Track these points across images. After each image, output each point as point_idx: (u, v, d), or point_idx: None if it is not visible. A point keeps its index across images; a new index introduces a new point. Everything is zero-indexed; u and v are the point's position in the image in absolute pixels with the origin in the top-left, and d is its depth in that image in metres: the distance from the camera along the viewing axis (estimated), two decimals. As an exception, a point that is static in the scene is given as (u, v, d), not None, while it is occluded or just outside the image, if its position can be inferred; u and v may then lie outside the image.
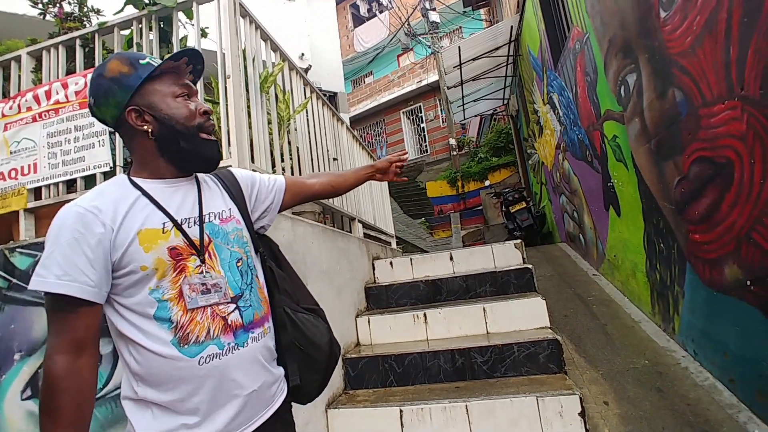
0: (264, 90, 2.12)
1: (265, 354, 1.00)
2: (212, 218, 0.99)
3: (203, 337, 0.89)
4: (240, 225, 1.05)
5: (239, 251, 1.01)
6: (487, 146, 12.70)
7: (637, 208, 2.89)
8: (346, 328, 2.60)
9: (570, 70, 3.99)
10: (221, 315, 0.92)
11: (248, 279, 1.01)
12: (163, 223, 0.91)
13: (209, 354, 0.89)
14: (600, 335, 2.85)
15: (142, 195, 0.93)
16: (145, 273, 0.87)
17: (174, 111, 0.95)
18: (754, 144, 1.62)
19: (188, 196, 0.99)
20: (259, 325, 0.99)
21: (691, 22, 1.89)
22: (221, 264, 0.96)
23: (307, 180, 1.31)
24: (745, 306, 1.83)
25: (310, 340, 1.10)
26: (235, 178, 1.14)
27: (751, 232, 1.73)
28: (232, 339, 0.93)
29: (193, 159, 0.98)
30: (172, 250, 0.90)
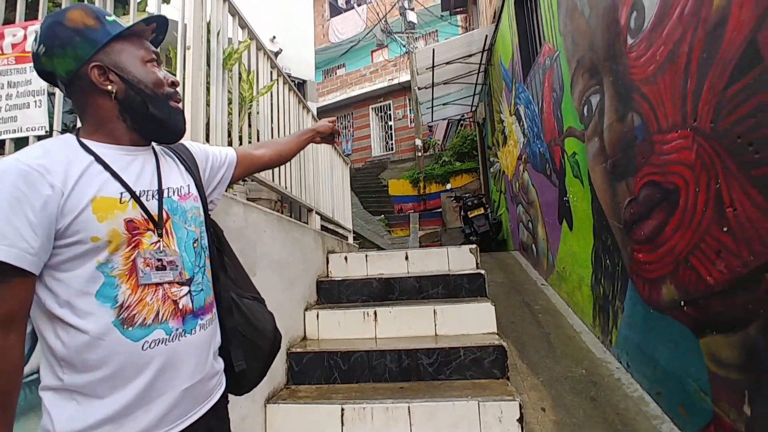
0: (227, 67, 2.01)
1: (211, 344, 0.95)
2: (171, 193, 0.93)
3: (150, 320, 0.82)
4: (197, 203, 0.99)
5: (196, 231, 0.95)
6: (451, 150, 12.88)
7: (588, 224, 3.00)
8: (294, 322, 2.54)
9: (538, 85, 4.09)
10: (172, 298, 0.85)
11: (201, 261, 0.95)
12: (120, 193, 0.83)
13: (155, 339, 0.82)
14: (543, 343, 2.94)
15: (95, 160, 0.84)
16: (95, 245, 0.78)
17: (144, 75, 0.89)
18: (700, 173, 1.70)
19: (146, 167, 0.91)
20: (208, 310, 0.94)
21: (655, 52, 1.96)
22: (177, 243, 0.89)
23: (256, 151, 1.27)
24: (677, 325, 1.93)
25: (254, 326, 1.06)
26: (191, 152, 1.08)
27: (689, 256, 1.82)
28: (180, 324, 0.86)
29: (161, 127, 0.93)
30: (129, 223, 0.82)
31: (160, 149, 1.01)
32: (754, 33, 1.38)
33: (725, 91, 1.53)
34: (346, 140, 17.24)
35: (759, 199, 1.40)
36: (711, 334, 1.71)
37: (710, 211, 1.66)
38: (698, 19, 1.66)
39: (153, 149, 0.97)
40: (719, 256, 1.63)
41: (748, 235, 1.46)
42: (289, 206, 3.60)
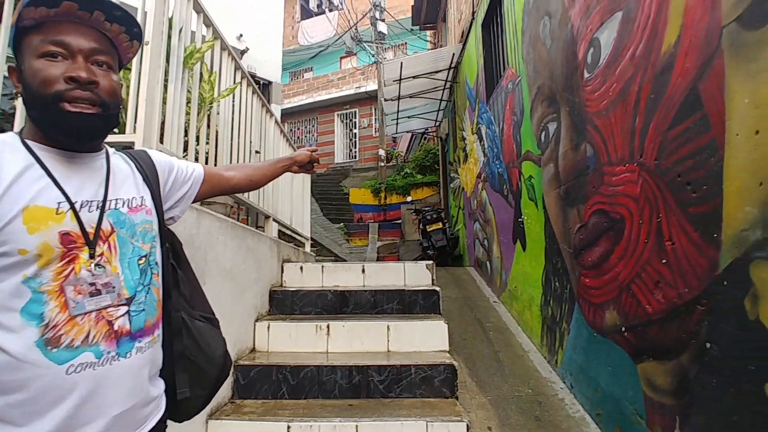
0: (188, 66, 1.93)
1: (149, 368, 0.87)
2: (119, 205, 0.85)
3: (79, 342, 0.75)
4: (150, 216, 0.92)
5: (144, 247, 0.88)
6: (414, 163, 13.03)
7: (540, 246, 3.10)
8: (243, 333, 2.45)
9: (500, 107, 4.22)
10: (107, 318, 0.79)
11: (147, 279, 0.87)
12: (58, 203, 0.76)
13: (82, 362, 0.75)
14: (493, 361, 3.00)
15: (36, 163, 0.77)
16: (22, 258, 0.71)
17: (31, 73, 0.77)
18: (644, 207, 1.80)
19: (94, 174, 0.84)
20: (149, 332, 0.87)
21: (608, 88, 2.07)
22: (120, 259, 0.82)
23: (225, 172, 1.20)
24: (618, 349, 2.02)
25: (203, 350, 0.99)
26: (152, 162, 1.00)
27: (631, 284, 1.92)
28: (114, 347, 0.79)
29: (52, 131, 0.80)
30: (65, 236, 0.75)
31: (117, 156, 0.93)
32: (695, 81, 1.49)
33: (669, 132, 1.64)
34: (310, 144, 17.07)
35: (695, 235, 1.50)
36: (648, 360, 1.80)
37: (651, 243, 1.76)
38: (648, 62, 1.77)
39: (106, 155, 0.90)
40: (658, 286, 1.72)
41: (684, 269, 1.56)
42: (246, 210, 3.50)
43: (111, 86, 0.82)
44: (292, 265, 3.24)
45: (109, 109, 0.82)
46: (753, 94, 1.25)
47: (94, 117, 0.79)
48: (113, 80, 0.84)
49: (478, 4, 5.27)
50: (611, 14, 2.06)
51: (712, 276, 1.41)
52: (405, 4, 14.45)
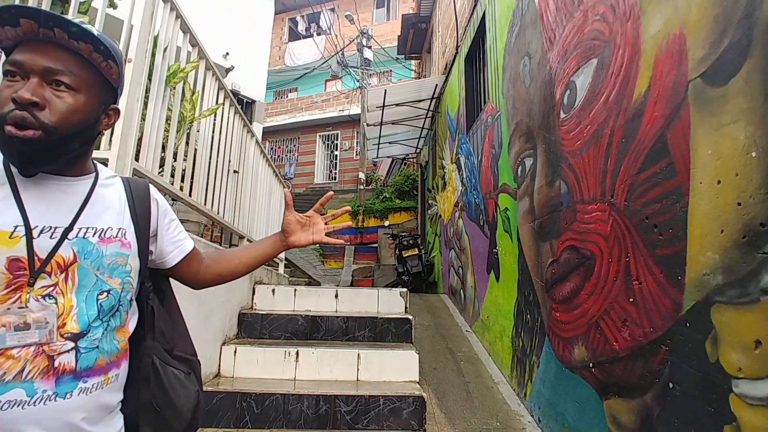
0: (170, 84, 1.92)
1: (94, 412, 0.78)
2: (88, 234, 0.80)
3: (10, 377, 0.68)
4: (126, 250, 0.85)
5: (111, 282, 0.82)
6: (393, 187, 13.14)
7: (513, 278, 3.14)
8: (208, 357, 2.36)
9: (479, 139, 4.33)
10: (48, 353, 0.72)
11: (107, 315, 0.81)
12: (15, 226, 0.72)
13: (10, 400, 0.68)
14: (462, 392, 2.98)
15: (7, 183, 0.74)
16: None
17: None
18: (613, 246, 1.86)
19: (68, 199, 0.79)
20: (99, 372, 0.79)
21: (583, 129, 2.16)
22: (77, 291, 0.77)
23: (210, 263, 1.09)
24: (585, 385, 2.04)
25: (171, 401, 0.91)
26: (149, 195, 0.96)
27: (599, 321, 1.95)
28: (51, 386, 0.72)
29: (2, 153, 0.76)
30: (14, 262, 0.71)
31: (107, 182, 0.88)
32: (664, 129, 1.56)
33: (638, 175, 1.71)
34: (290, 164, 17.03)
35: (660, 276, 1.55)
36: (613, 397, 1.82)
37: (620, 281, 1.80)
38: (620, 107, 1.86)
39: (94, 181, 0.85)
40: (624, 324, 1.76)
41: (649, 308, 1.60)
42: (220, 228, 3.44)
43: (64, 108, 0.75)
44: (264, 287, 3.18)
45: (56, 134, 0.74)
46: (715, 145, 1.32)
47: (31, 141, 0.72)
48: (72, 102, 0.76)
49: (462, 39, 5.45)
50: (587, 60, 2.16)
51: (676, 317, 1.45)
52: (391, 34, 14.85)
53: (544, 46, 2.70)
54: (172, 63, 1.96)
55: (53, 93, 0.75)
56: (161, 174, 1.91)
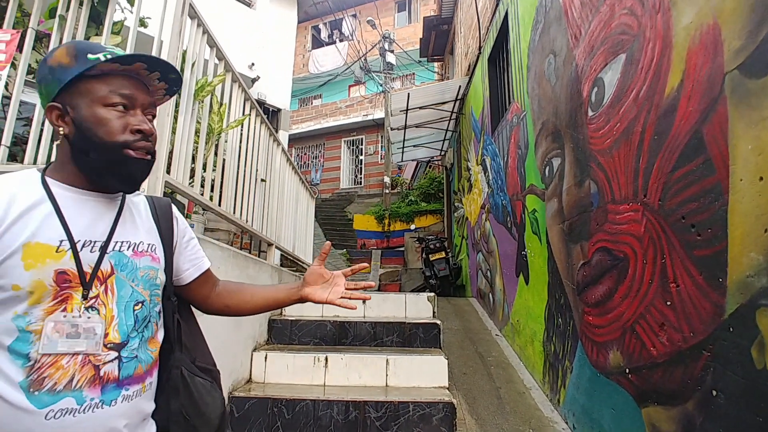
0: (198, 98, 1.98)
1: (134, 418, 0.83)
2: (123, 247, 0.85)
3: (62, 386, 0.73)
4: (156, 264, 0.91)
5: (144, 293, 0.87)
6: (418, 190, 13.09)
7: (543, 281, 3.07)
8: (240, 363, 2.41)
9: (505, 140, 4.27)
10: (94, 363, 0.76)
11: (142, 326, 0.86)
12: (60, 241, 0.77)
13: (62, 408, 0.72)
14: (493, 398, 2.92)
15: (48, 199, 0.79)
16: (15, 293, 0.71)
17: (95, 120, 0.81)
18: (648, 247, 1.79)
19: (104, 215, 0.85)
20: (138, 380, 0.84)
21: (612, 127, 2.09)
22: (117, 302, 0.81)
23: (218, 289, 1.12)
24: (621, 391, 1.97)
25: (200, 410, 0.95)
26: (172, 214, 1.01)
27: (635, 324, 1.88)
28: (98, 394, 0.76)
29: (106, 174, 0.84)
30: (60, 275, 0.75)
31: (133, 200, 0.94)
32: (699, 125, 1.50)
33: (672, 173, 1.64)
34: (316, 170, 17.25)
35: (699, 279, 1.48)
36: (652, 405, 1.75)
37: (656, 283, 1.74)
38: (651, 103, 1.79)
39: (123, 198, 0.91)
40: (662, 328, 1.69)
41: (688, 312, 1.53)
42: (249, 236, 3.50)
43: (156, 136, 0.90)
44: (293, 292, 3.21)
45: (154, 157, 0.90)
46: (756, 140, 1.25)
47: (148, 163, 0.88)
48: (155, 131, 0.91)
49: (485, 40, 5.40)
50: (615, 56, 2.10)
51: (718, 321, 1.39)
52: (413, 37, 14.86)
53: (570, 43, 2.64)
54: (200, 77, 2.02)
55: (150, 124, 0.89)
56: (191, 185, 1.97)
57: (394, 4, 17.23)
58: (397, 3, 17.27)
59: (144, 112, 0.87)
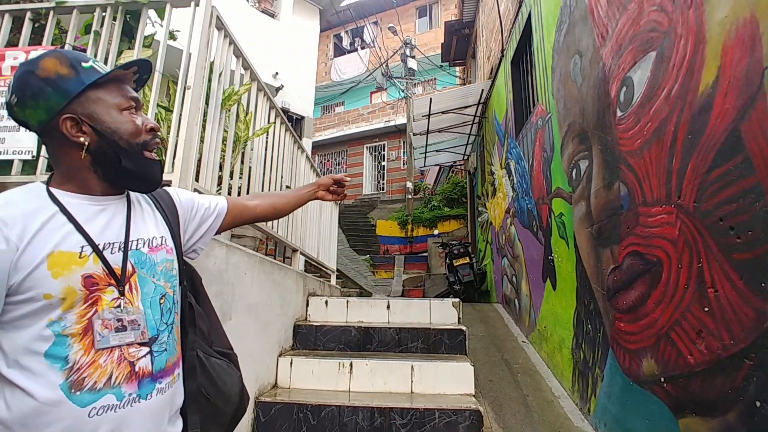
0: (225, 107, 2.02)
1: (169, 410, 0.87)
2: (140, 245, 0.88)
3: (101, 384, 0.76)
4: (171, 255, 0.94)
5: (165, 285, 0.90)
6: (441, 195, 13.02)
7: (571, 286, 2.99)
8: (266, 368, 2.43)
9: (529, 143, 4.20)
10: (129, 359, 0.80)
11: (169, 318, 0.89)
12: (81, 247, 0.79)
13: (104, 405, 0.76)
14: (521, 406, 2.86)
15: (59, 211, 0.80)
16: (47, 302, 0.74)
17: (119, 125, 0.85)
18: (683, 250, 1.72)
19: (116, 217, 0.87)
20: (169, 373, 0.87)
21: (643, 127, 2.03)
22: (142, 299, 0.84)
23: (249, 202, 1.21)
24: (656, 401, 1.89)
25: (219, 389, 0.99)
26: (173, 201, 1.04)
27: (670, 331, 1.81)
28: (135, 389, 0.80)
29: (133, 179, 0.88)
30: (87, 279, 0.78)
31: (136, 197, 0.96)
32: (737, 122, 1.44)
33: (708, 174, 1.58)
34: (339, 176, 17.35)
35: (739, 284, 1.41)
36: (690, 415, 1.67)
37: (692, 289, 1.67)
38: (684, 102, 1.73)
39: (128, 197, 0.93)
40: (700, 336, 1.62)
41: (728, 318, 1.46)
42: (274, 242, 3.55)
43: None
44: (318, 299, 3.24)
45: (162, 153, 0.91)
46: (799, 138, 1.19)
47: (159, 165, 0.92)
48: None
49: (507, 42, 5.35)
50: (644, 54, 2.05)
51: (761, 328, 1.32)
52: (435, 42, 14.85)
53: (596, 43, 2.59)
54: (227, 87, 2.07)
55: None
56: (219, 192, 2.01)
57: (414, 10, 17.28)
58: (417, 9, 17.32)
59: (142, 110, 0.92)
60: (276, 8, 6.82)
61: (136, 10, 1.98)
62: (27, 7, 2.01)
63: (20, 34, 1.99)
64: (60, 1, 1.99)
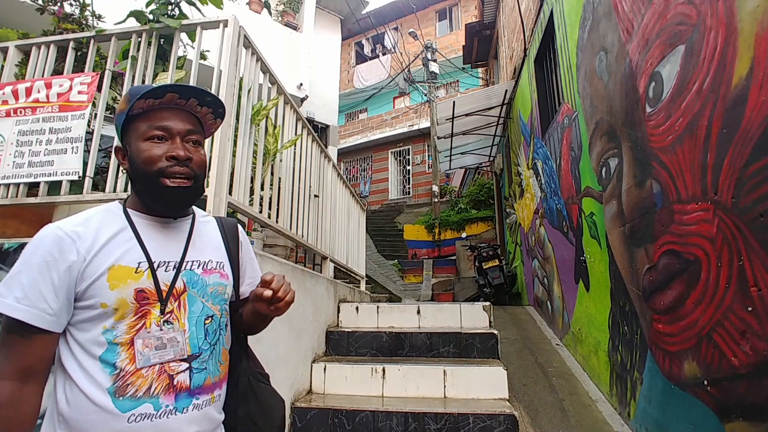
0: (255, 122, 2.10)
1: (204, 426, 0.90)
2: (194, 266, 0.94)
3: (141, 393, 0.82)
4: (225, 280, 0.99)
5: (213, 308, 0.95)
6: (468, 198, 12.91)
7: (605, 287, 2.92)
8: (300, 374, 2.48)
9: (556, 142, 4.14)
10: (169, 372, 0.85)
11: (213, 339, 0.94)
12: (138, 263, 0.87)
13: (141, 413, 0.81)
14: (557, 411, 2.81)
15: (129, 227, 0.90)
16: (103, 310, 0.82)
17: (138, 153, 0.90)
18: (722, 248, 1.67)
19: (176, 237, 0.94)
20: (208, 391, 0.91)
21: (674, 122, 1.98)
22: (188, 317, 0.90)
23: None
24: (700, 405, 1.83)
25: (266, 414, 1.02)
26: (238, 235, 1.09)
27: (712, 332, 1.75)
28: (172, 401, 0.85)
29: (154, 202, 0.93)
30: (140, 293, 0.85)
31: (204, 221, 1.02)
32: (774, 115, 1.39)
33: (746, 168, 1.53)
34: (364, 182, 17.50)
35: (784, 282, 1.36)
36: (737, 420, 1.61)
37: (733, 287, 1.61)
38: (717, 95, 1.69)
39: (192, 221, 0.99)
40: (744, 337, 1.56)
41: (774, 318, 1.41)
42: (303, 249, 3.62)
43: (201, 160, 0.94)
44: (348, 305, 3.28)
45: (199, 180, 0.93)
46: (841, 129, 1.15)
47: (188, 189, 0.91)
48: (202, 155, 0.95)
49: (530, 41, 5.29)
50: (673, 48, 2.00)
51: (810, 328, 1.26)
52: (456, 44, 14.81)
53: (622, 38, 2.54)
54: (255, 102, 2.14)
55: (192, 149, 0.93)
56: (251, 204, 2.08)
57: (434, 13, 17.29)
58: (437, 12, 17.31)
59: (184, 139, 0.92)
60: (298, 21, 6.97)
61: (169, 34, 2.08)
62: (70, 38, 2.15)
63: (65, 63, 2.12)
64: (99, 30, 2.12)
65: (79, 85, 1.95)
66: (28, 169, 1.93)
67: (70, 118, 1.92)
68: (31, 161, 1.92)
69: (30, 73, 2.13)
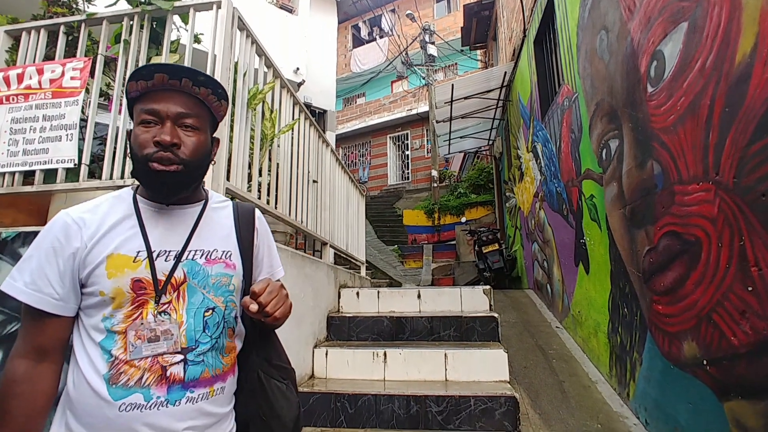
0: (251, 107, 2.07)
1: (198, 421, 0.85)
2: (197, 256, 0.90)
3: (132, 383, 0.80)
4: (231, 271, 0.94)
5: (216, 300, 0.90)
6: (467, 182, 12.86)
7: (605, 269, 2.93)
8: (302, 359, 2.50)
9: (556, 124, 4.10)
10: (162, 363, 0.83)
11: (214, 331, 0.89)
12: (137, 252, 0.85)
13: (132, 403, 0.80)
14: (557, 392, 2.84)
15: (134, 214, 0.89)
16: (102, 298, 0.83)
17: (133, 138, 0.88)
18: (723, 229, 1.66)
19: (182, 225, 0.91)
20: (204, 384, 0.87)
21: (676, 102, 1.96)
22: (187, 308, 0.87)
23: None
24: (699, 384, 1.84)
25: (275, 412, 0.96)
26: (254, 222, 1.04)
27: (711, 313, 1.75)
28: (164, 393, 0.82)
29: (146, 187, 0.91)
30: (137, 282, 0.84)
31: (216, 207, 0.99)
32: (778, 93, 1.37)
33: (748, 148, 1.51)
34: (363, 168, 17.43)
35: (786, 261, 1.35)
36: (736, 399, 1.62)
37: (734, 268, 1.61)
38: (720, 73, 1.66)
39: (203, 207, 0.96)
40: (744, 316, 1.56)
41: (774, 298, 1.41)
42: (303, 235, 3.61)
43: (193, 146, 0.88)
44: (349, 290, 3.29)
45: (191, 166, 0.88)
46: None
47: (176, 174, 0.86)
48: (197, 140, 0.89)
49: (529, 22, 5.21)
50: (675, 25, 1.96)
51: (810, 307, 1.26)
52: (454, 26, 14.60)
53: (623, 17, 2.49)
54: (251, 86, 2.10)
55: (184, 133, 0.88)
56: (249, 190, 2.06)
57: (432, -6, 17.01)
58: (435, -7, 17.04)
59: (177, 123, 0.87)
60: (293, 3, 6.85)
61: (162, 17, 2.04)
62: (60, 21, 2.10)
63: (56, 48, 2.08)
64: (90, 13, 2.07)
65: (72, 71, 1.92)
66: (23, 157, 1.91)
67: (64, 104, 1.89)
68: (26, 149, 1.90)
69: (21, 59, 2.09)
